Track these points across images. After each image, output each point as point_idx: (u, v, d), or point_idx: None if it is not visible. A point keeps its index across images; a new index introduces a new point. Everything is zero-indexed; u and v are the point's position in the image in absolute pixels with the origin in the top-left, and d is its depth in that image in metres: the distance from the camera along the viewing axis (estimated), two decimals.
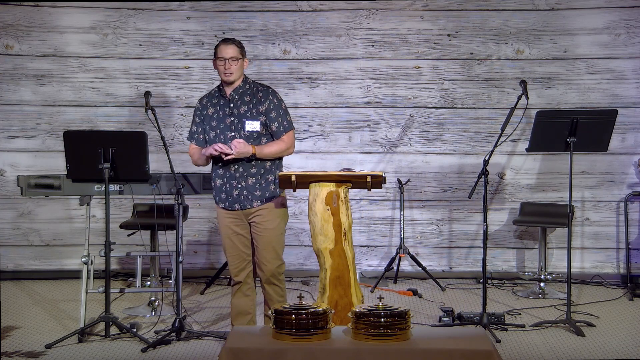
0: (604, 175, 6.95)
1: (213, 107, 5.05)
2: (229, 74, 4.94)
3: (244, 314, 5.11)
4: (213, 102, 5.06)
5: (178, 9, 6.98)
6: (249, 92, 5.01)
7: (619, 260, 6.97)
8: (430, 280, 6.82)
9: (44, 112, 7.01)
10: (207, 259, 7.14)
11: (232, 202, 4.96)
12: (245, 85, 5.02)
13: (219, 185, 4.99)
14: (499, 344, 5.18)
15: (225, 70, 4.93)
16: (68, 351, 5.06)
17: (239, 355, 3.82)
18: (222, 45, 4.97)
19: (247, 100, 4.99)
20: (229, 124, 4.97)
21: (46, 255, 7.10)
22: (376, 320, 3.86)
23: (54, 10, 6.94)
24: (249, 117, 4.96)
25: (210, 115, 5.03)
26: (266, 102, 4.97)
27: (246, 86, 5.03)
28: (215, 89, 5.12)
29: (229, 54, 4.92)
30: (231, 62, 4.92)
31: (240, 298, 5.12)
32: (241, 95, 5.00)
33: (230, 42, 4.99)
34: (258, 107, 4.97)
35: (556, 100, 6.92)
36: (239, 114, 4.97)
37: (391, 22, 6.96)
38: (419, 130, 7.01)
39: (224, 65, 4.93)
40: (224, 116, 4.99)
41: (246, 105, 4.98)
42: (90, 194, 5.47)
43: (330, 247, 4.59)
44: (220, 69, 4.96)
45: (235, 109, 4.98)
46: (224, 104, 5.01)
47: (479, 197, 5.83)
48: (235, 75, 4.96)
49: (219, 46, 4.98)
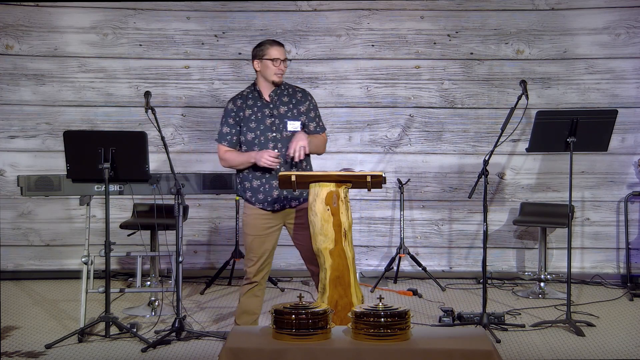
0: (604, 175, 6.95)
1: (250, 109, 5.06)
2: (281, 75, 5.04)
3: (250, 313, 5.11)
4: (249, 104, 5.07)
5: (178, 9, 6.98)
6: (285, 93, 5.09)
7: (619, 260, 6.97)
8: (430, 280, 6.83)
9: (44, 112, 7.01)
10: (207, 259, 7.14)
11: (272, 202, 4.98)
12: (281, 87, 5.10)
13: (256, 186, 4.99)
14: (499, 344, 5.18)
15: (278, 72, 5.02)
16: (68, 351, 5.06)
17: (239, 355, 3.82)
18: (277, 46, 5.05)
19: (285, 100, 5.07)
20: (269, 124, 5.01)
21: (46, 255, 7.10)
22: (376, 320, 3.86)
23: (54, 10, 6.94)
24: (290, 117, 5.04)
25: (248, 116, 5.04)
26: (306, 102, 5.09)
27: (282, 87, 5.10)
28: (247, 90, 5.13)
29: (283, 55, 5.04)
30: (285, 63, 5.04)
31: (250, 298, 5.11)
32: (279, 96, 5.07)
33: (281, 44, 5.08)
34: (299, 107, 5.07)
35: (556, 100, 6.92)
36: (280, 115, 5.03)
37: (391, 22, 6.96)
38: (419, 130, 7.01)
39: (279, 66, 5.01)
40: (264, 117, 5.02)
41: (286, 106, 5.05)
42: (90, 194, 5.47)
43: (330, 247, 4.59)
44: (272, 70, 5.01)
45: (275, 110, 5.03)
46: (262, 105, 5.05)
47: (479, 197, 5.83)
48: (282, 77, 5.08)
49: (273, 46, 5.03)
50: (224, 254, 7.03)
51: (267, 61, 5.00)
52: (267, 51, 5.03)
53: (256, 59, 5.05)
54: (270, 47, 5.03)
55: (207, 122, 7.05)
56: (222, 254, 7.07)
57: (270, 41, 5.10)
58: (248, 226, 5.07)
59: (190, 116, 7.05)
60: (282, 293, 6.62)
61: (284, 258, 7.05)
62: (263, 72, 5.04)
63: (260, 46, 5.07)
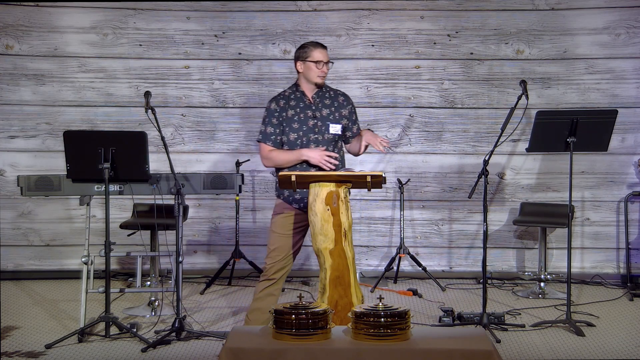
0: (604, 175, 6.95)
1: (292, 109, 5.10)
2: (323, 77, 5.09)
3: (263, 311, 5.07)
4: (292, 104, 5.11)
5: (178, 9, 6.98)
6: (327, 95, 5.15)
7: (619, 260, 6.97)
8: (430, 280, 6.83)
9: (44, 112, 7.01)
10: (207, 259, 7.14)
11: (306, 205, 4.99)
12: (322, 88, 5.15)
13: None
14: (499, 344, 5.18)
15: (321, 74, 5.07)
16: (68, 351, 5.06)
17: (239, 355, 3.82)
18: (320, 48, 5.10)
19: (327, 103, 5.12)
20: (312, 126, 5.06)
21: (46, 255, 7.10)
22: (376, 320, 3.86)
23: (54, 10, 6.94)
24: (332, 120, 5.10)
25: (291, 117, 5.08)
26: (348, 106, 5.17)
27: (323, 90, 5.15)
28: (289, 91, 5.16)
29: (326, 57, 5.08)
30: (327, 66, 5.08)
31: (267, 296, 5.10)
32: (321, 98, 5.13)
33: (324, 46, 5.13)
34: (340, 110, 5.13)
35: (556, 100, 6.93)
36: (322, 117, 5.08)
37: (391, 22, 6.96)
38: (419, 130, 7.01)
39: (321, 68, 5.06)
40: (306, 118, 5.07)
41: (328, 109, 5.11)
42: (90, 194, 5.47)
43: (330, 247, 4.59)
44: (316, 72, 5.06)
45: (317, 112, 5.08)
46: (305, 107, 5.09)
47: (479, 197, 5.83)
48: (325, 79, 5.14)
49: (317, 48, 5.08)
50: (224, 254, 7.04)
51: (310, 63, 5.05)
52: (310, 53, 5.07)
53: (299, 60, 5.10)
54: (314, 49, 5.08)
55: (207, 122, 7.05)
56: (222, 254, 7.07)
57: (313, 43, 5.14)
58: (277, 225, 5.07)
59: (190, 116, 7.05)
60: (282, 293, 6.61)
61: None
62: (306, 74, 5.09)
63: (304, 48, 5.11)
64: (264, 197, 7.08)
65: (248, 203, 7.09)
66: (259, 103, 6.99)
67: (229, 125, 7.06)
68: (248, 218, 7.09)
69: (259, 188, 7.09)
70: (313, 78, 5.07)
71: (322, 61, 5.06)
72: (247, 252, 6.92)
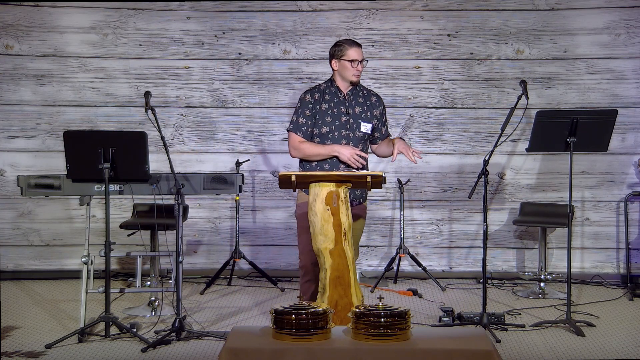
0: (604, 175, 6.95)
1: (327, 103, 5.12)
2: (358, 75, 5.10)
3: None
4: (326, 98, 5.13)
5: (178, 9, 6.98)
6: (361, 94, 5.17)
7: (619, 260, 6.97)
8: (430, 280, 6.83)
9: (44, 112, 7.01)
10: (207, 259, 7.14)
11: None
12: (357, 87, 5.17)
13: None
14: (499, 344, 5.18)
15: (356, 72, 5.07)
16: (68, 351, 5.06)
17: (239, 355, 3.82)
18: (356, 47, 5.08)
19: (360, 102, 5.15)
20: (344, 122, 5.09)
21: (46, 255, 7.10)
22: (376, 320, 3.86)
23: (54, 10, 6.94)
24: (363, 119, 5.13)
25: (324, 110, 5.11)
26: (380, 107, 5.21)
27: (357, 88, 5.17)
28: (325, 85, 5.18)
29: (361, 56, 5.08)
30: (362, 64, 5.09)
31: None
32: (355, 96, 5.15)
33: (359, 45, 5.11)
34: (372, 110, 5.17)
35: (556, 100, 6.92)
36: (354, 114, 5.11)
37: (391, 22, 6.96)
38: (419, 130, 7.01)
39: (356, 67, 5.06)
40: (339, 114, 5.10)
41: (360, 107, 5.14)
42: (90, 194, 5.47)
43: (330, 247, 4.59)
44: (350, 71, 5.07)
45: (350, 109, 5.11)
46: (339, 102, 5.12)
47: (479, 197, 5.83)
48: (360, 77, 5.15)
49: (352, 47, 5.06)
50: (224, 254, 7.04)
51: (345, 62, 5.06)
52: (345, 52, 5.07)
53: (334, 58, 5.10)
54: (350, 47, 5.07)
55: (207, 122, 7.05)
56: (222, 254, 7.08)
57: (349, 42, 5.12)
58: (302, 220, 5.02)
59: (190, 116, 7.05)
60: (282, 293, 6.62)
61: (284, 258, 7.05)
62: (341, 72, 5.10)
63: (339, 46, 5.10)
64: (264, 197, 7.08)
65: (248, 203, 7.09)
66: (259, 103, 7.00)
67: (229, 125, 7.06)
68: (248, 218, 7.09)
69: (259, 188, 7.09)
70: (348, 77, 5.09)
71: (357, 60, 5.06)
72: (247, 252, 6.92)
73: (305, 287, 5.14)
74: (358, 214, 5.10)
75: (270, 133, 7.01)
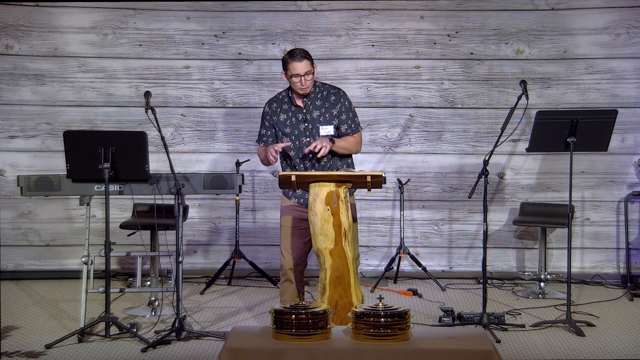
0: (604, 175, 6.95)
1: (284, 113, 5.12)
2: (305, 89, 5.04)
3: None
4: (284, 108, 5.13)
5: (178, 9, 6.98)
6: (319, 96, 5.13)
7: (619, 260, 6.97)
8: (430, 280, 6.83)
9: (44, 112, 7.01)
10: (207, 259, 7.14)
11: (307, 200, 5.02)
12: (315, 89, 5.12)
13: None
14: (499, 344, 5.18)
15: (301, 87, 5.02)
16: (68, 351, 5.06)
17: (239, 355, 3.82)
18: (295, 62, 4.97)
19: (318, 104, 5.11)
20: (302, 130, 5.08)
21: (46, 255, 7.10)
22: (376, 320, 3.86)
23: (54, 10, 6.94)
24: (322, 122, 5.10)
25: (283, 121, 5.11)
26: (338, 104, 5.10)
27: (316, 90, 5.13)
28: (284, 94, 5.18)
29: (303, 69, 4.98)
30: (306, 77, 5.01)
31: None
32: (312, 100, 5.12)
33: (302, 57, 4.98)
34: (331, 110, 5.11)
35: (556, 100, 6.92)
36: (312, 119, 5.09)
37: (391, 22, 6.96)
38: (419, 130, 7.01)
39: (299, 81, 4.99)
40: (297, 122, 5.10)
41: (318, 110, 5.10)
42: (90, 194, 5.47)
43: (330, 247, 4.59)
44: (296, 85, 5.01)
45: (308, 115, 5.10)
46: (296, 110, 5.11)
47: (479, 197, 5.83)
48: (310, 87, 5.06)
49: (291, 63, 4.96)
50: (224, 254, 7.04)
51: (289, 77, 5.04)
52: (288, 66, 5.01)
53: (283, 70, 5.08)
54: (291, 62, 4.98)
55: (207, 122, 7.05)
56: (222, 254, 7.08)
57: (292, 55, 5.00)
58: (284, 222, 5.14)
59: (190, 116, 7.05)
60: None
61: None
62: (290, 84, 5.08)
63: (284, 59, 5.04)
64: (264, 197, 7.08)
65: (248, 203, 7.09)
66: (259, 103, 6.99)
67: (229, 125, 7.06)
68: (248, 218, 7.09)
69: (259, 188, 7.09)
70: (296, 90, 5.08)
71: (299, 74, 4.98)
72: (247, 252, 6.92)
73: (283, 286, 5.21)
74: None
75: None
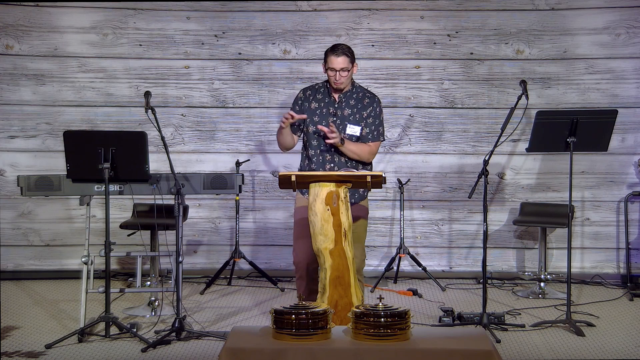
0: (604, 175, 6.95)
1: (317, 102, 5.16)
2: (339, 84, 5.08)
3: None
4: (317, 97, 5.17)
5: (178, 9, 6.98)
6: (354, 97, 5.17)
7: (619, 260, 6.97)
8: (430, 280, 6.82)
9: (44, 112, 7.01)
10: (207, 259, 7.14)
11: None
12: (352, 89, 5.17)
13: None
14: (499, 344, 5.18)
15: (336, 81, 5.06)
16: (68, 351, 5.06)
17: (239, 355, 3.82)
18: (333, 56, 5.04)
19: (352, 104, 5.14)
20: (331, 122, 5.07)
21: (46, 255, 7.10)
22: (376, 320, 3.86)
23: (54, 10, 6.94)
24: (351, 121, 5.12)
25: (313, 109, 5.14)
26: (369, 108, 5.14)
27: (353, 90, 5.17)
28: (321, 84, 5.22)
29: (339, 65, 5.03)
30: (342, 73, 5.05)
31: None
32: (347, 99, 5.15)
33: (341, 52, 5.05)
34: (362, 112, 5.14)
35: (556, 100, 6.92)
36: (343, 116, 5.12)
37: (391, 22, 6.96)
38: (419, 130, 7.01)
39: (334, 75, 5.04)
40: (327, 114, 5.13)
41: (350, 109, 5.13)
42: (90, 194, 5.47)
43: (330, 247, 4.59)
44: (330, 79, 5.08)
45: (339, 111, 5.12)
46: (329, 103, 5.14)
47: (479, 197, 5.83)
48: (345, 84, 5.10)
49: (330, 56, 5.05)
50: (224, 254, 7.04)
51: (327, 69, 5.10)
52: (326, 59, 5.09)
53: (323, 62, 5.14)
54: (329, 55, 5.07)
55: (207, 122, 7.05)
56: (222, 254, 7.07)
57: (331, 49, 5.09)
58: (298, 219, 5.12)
59: (190, 116, 7.05)
60: (282, 293, 6.62)
61: (284, 258, 7.05)
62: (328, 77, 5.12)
63: (325, 52, 5.11)
64: (264, 197, 7.08)
65: (248, 203, 7.09)
66: (259, 103, 6.99)
67: (229, 125, 7.06)
68: (248, 218, 7.09)
69: (259, 188, 7.09)
70: (331, 84, 5.13)
71: (334, 69, 5.04)
72: (247, 252, 6.92)
73: (297, 283, 5.22)
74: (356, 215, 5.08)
75: (270, 133, 7.00)
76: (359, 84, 5.30)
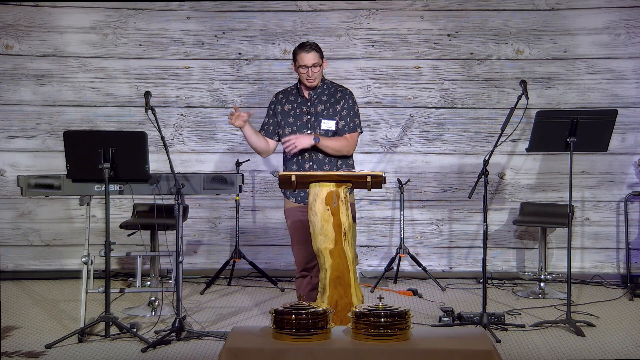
0: (604, 175, 6.95)
1: (290, 104, 5.20)
2: (312, 80, 5.12)
3: None
4: (290, 99, 5.22)
5: (178, 9, 6.98)
6: (326, 92, 5.20)
7: (619, 260, 6.97)
8: (430, 280, 6.82)
9: (44, 112, 7.01)
10: (207, 259, 7.14)
11: (305, 197, 5.06)
12: (323, 85, 5.20)
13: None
14: (499, 344, 5.18)
15: (308, 77, 5.10)
16: (68, 351, 5.06)
17: (239, 355, 3.82)
18: (303, 52, 5.09)
19: (324, 99, 5.18)
20: (305, 122, 5.15)
21: (46, 255, 7.10)
22: (376, 320, 3.86)
23: (54, 10, 6.94)
24: (325, 116, 5.16)
25: (287, 111, 5.19)
26: (342, 101, 5.17)
27: (324, 86, 5.21)
28: (293, 87, 5.27)
29: (310, 61, 5.08)
30: (313, 69, 5.10)
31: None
32: (319, 95, 5.19)
33: (311, 48, 5.10)
34: (335, 106, 5.17)
35: (556, 100, 6.92)
36: (316, 113, 5.15)
37: (391, 22, 6.96)
38: (419, 130, 7.01)
39: (306, 72, 5.08)
40: (301, 114, 5.17)
41: (323, 105, 5.17)
42: (90, 194, 5.47)
43: (330, 247, 4.59)
44: (302, 76, 5.12)
45: (312, 108, 5.16)
46: (302, 102, 5.18)
47: (479, 197, 5.83)
48: (318, 80, 5.14)
49: (299, 54, 5.09)
50: (224, 254, 7.04)
51: (297, 67, 5.13)
52: (297, 57, 5.12)
53: (293, 62, 5.17)
54: (299, 52, 5.11)
55: (207, 122, 7.05)
56: (222, 254, 7.08)
57: (301, 46, 5.14)
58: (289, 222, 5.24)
59: (190, 116, 7.05)
60: (282, 293, 6.62)
61: (284, 258, 7.05)
62: (299, 76, 5.16)
63: (294, 50, 5.16)
64: (264, 197, 7.08)
65: (248, 203, 7.09)
66: (259, 103, 6.99)
67: (228, 125, 7.03)
68: (248, 218, 7.09)
69: (259, 188, 7.09)
70: (303, 81, 5.17)
71: (306, 65, 5.08)
72: (247, 252, 6.92)
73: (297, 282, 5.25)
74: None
75: None
76: (329, 80, 5.32)
